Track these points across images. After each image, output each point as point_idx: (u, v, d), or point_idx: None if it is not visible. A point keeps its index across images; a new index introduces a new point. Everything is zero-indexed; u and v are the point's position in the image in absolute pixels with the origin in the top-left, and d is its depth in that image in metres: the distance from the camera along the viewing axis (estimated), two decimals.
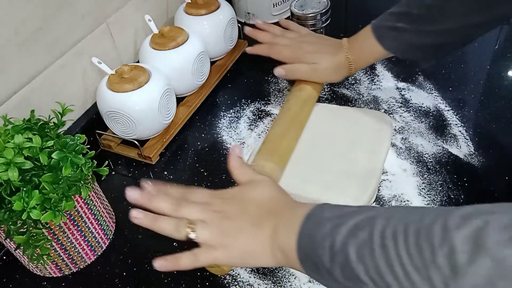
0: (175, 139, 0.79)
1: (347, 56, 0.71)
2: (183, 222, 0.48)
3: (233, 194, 0.52)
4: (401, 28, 0.65)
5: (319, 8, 0.86)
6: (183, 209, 0.49)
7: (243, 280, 0.57)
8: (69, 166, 0.51)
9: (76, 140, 0.54)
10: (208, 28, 0.86)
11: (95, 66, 0.74)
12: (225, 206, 0.50)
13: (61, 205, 0.50)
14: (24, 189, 0.49)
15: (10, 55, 0.64)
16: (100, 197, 0.62)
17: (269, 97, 0.84)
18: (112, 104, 0.71)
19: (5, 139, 0.50)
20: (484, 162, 0.67)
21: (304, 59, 0.73)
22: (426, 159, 0.69)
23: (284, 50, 0.75)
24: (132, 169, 0.75)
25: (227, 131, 0.79)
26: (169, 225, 0.49)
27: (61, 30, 0.70)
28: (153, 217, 0.50)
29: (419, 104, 0.78)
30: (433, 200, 0.63)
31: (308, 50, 0.74)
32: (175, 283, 0.58)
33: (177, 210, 0.49)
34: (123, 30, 0.83)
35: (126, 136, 0.75)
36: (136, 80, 0.71)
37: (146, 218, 0.50)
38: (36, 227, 0.51)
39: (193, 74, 0.80)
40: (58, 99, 0.61)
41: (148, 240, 0.64)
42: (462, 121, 0.73)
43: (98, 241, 0.62)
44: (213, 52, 0.88)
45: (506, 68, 0.83)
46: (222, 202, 0.50)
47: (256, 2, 1.00)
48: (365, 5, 1.05)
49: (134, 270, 0.61)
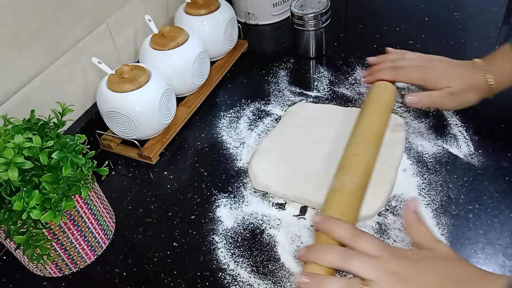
0: (175, 139, 0.79)
1: (486, 77, 0.65)
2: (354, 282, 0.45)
3: (410, 255, 0.47)
4: None
5: (319, 8, 0.86)
6: (353, 261, 0.46)
7: (243, 280, 0.57)
8: (69, 166, 0.51)
9: (76, 140, 0.54)
10: (208, 28, 0.86)
11: (95, 66, 0.74)
12: (401, 268, 0.45)
13: (61, 205, 0.50)
14: (24, 189, 0.49)
15: (10, 55, 0.64)
16: (100, 197, 0.62)
17: (269, 97, 0.84)
18: (112, 104, 0.71)
19: (5, 139, 0.50)
20: (484, 162, 0.67)
21: (436, 81, 0.67)
22: (426, 159, 0.69)
23: (414, 72, 0.69)
24: (132, 169, 0.75)
25: (227, 131, 0.79)
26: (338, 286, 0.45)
27: (61, 30, 0.70)
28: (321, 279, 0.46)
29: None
30: (433, 200, 0.63)
31: (440, 70, 0.68)
32: (175, 283, 0.58)
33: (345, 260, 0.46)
34: (123, 30, 0.83)
35: (126, 136, 0.75)
36: (136, 80, 0.71)
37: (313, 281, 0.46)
38: (36, 227, 0.51)
39: (193, 74, 0.80)
40: (58, 99, 0.61)
41: (148, 240, 0.64)
42: (462, 121, 0.73)
43: (98, 241, 0.62)
44: (213, 52, 0.88)
45: None
46: (396, 261, 0.46)
47: (256, 2, 1.00)
48: (365, 5, 1.05)
49: (134, 270, 0.61)
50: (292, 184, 0.66)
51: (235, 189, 0.69)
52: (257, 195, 0.67)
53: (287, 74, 0.89)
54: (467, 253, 0.57)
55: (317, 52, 0.91)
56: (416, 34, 0.93)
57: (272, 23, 1.03)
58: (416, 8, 1.00)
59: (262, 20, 1.03)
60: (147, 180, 0.73)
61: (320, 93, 0.83)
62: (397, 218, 0.62)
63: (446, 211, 0.62)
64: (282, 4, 1.01)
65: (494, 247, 0.57)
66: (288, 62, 0.92)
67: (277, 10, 1.02)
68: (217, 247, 0.62)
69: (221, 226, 0.64)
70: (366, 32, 0.97)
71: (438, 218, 0.61)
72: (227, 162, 0.73)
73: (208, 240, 0.63)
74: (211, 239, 0.63)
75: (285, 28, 1.02)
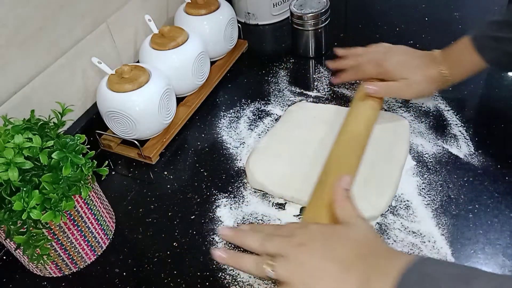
0: (175, 139, 0.79)
1: (441, 69, 0.66)
2: (264, 258, 0.46)
3: (323, 229, 0.48)
4: (502, 38, 0.61)
5: (319, 8, 0.86)
6: (268, 243, 0.47)
7: (243, 280, 0.57)
8: (69, 166, 0.51)
9: (76, 140, 0.54)
10: (208, 28, 0.86)
11: (95, 66, 0.74)
12: (312, 241, 0.46)
13: (61, 205, 0.50)
14: (24, 189, 0.49)
15: (10, 55, 0.64)
16: (100, 197, 0.62)
17: (269, 97, 0.84)
18: (112, 104, 0.71)
19: (5, 139, 0.50)
20: (484, 162, 0.67)
21: (392, 74, 0.68)
22: (426, 159, 0.69)
23: (369, 68, 0.70)
24: (132, 169, 0.75)
25: (227, 131, 0.79)
26: (250, 263, 0.47)
27: (61, 30, 0.70)
28: (236, 255, 0.48)
29: (419, 104, 0.78)
30: (433, 200, 0.63)
31: (396, 63, 0.69)
32: (175, 283, 0.58)
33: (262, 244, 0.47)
34: (123, 30, 0.83)
35: (126, 136, 0.75)
36: (136, 80, 0.71)
37: (229, 257, 0.48)
38: (36, 227, 0.51)
39: (193, 74, 0.80)
40: (58, 99, 0.61)
41: (148, 240, 0.64)
42: (462, 121, 0.73)
43: (98, 241, 0.62)
44: (213, 52, 0.88)
45: None
46: (309, 235, 0.47)
47: (256, 2, 1.00)
48: (365, 5, 1.05)
49: (134, 270, 0.61)
50: (289, 184, 0.66)
51: (235, 189, 0.69)
52: (257, 195, 0.67)
53: (287, 74, 0.89)
54: (467, 253, 0.57)
55: (316, 52, 0.91)
56: (416, 34, 0.93)
57: (272, 23, 1.03)
58: (416, 8, 1.00)
59: (262, 20, 1.03)
60: (147, 180, 0.73)
61: (320, 93, 0.83)
62: (397, 218, 0.62)
63: (446, 211, 0.62)
64: (282, 4, 1.01)
65: (494, 247, 0.57)
66: (288, 62, 0.92)
67: (277, 10, 1.02)
68: (217, 247, 0.62)
69: (221, 226, 0.64)
70: (366, 32, 0.97)
71: (438, 218, 0.61)
72: (227, 162, 0.73)
73: (208, 240, 0.63)
74: (211, 239, 0.63)
75: (285, 28, 1.02)
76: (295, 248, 0.45)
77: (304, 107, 0.80)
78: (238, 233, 0.50)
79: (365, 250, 0.45)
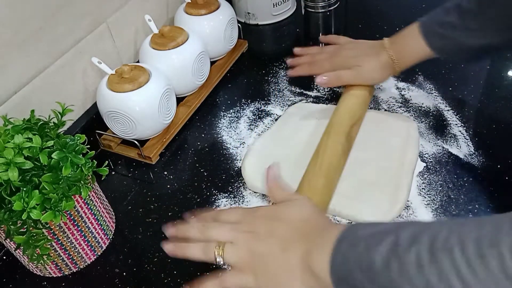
0: (175, 139, 0.79)
1: (390, 55, 0.68)
2: (212, 244, 0.46)
3: (265, 212, 0.49)
4: (448, 23, 0.61)
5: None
6: (211, 230, 0.48)
7: None
8: (69, 166, 0.51)
9: (76, 140, 0.54)
10: (208, 28, 0.86)
11: (95, 66, 0.74)
12: (256, 226, 0.47)
13: (61, 205, 0.50)
14: (24, 189, 0.49)
15: (10, 55, 0.64)
16: (100, 197, 0.62)
17: (269, 97, 0.84)
18: (112, 104, 0.71)
19: (5, 139, 0.50)
20: (484, 162, 0.67)
21: (345, 65, 0.71)
22: (426, 159, 0.69)
23: (324, 64, 0.73)
24: (132, 169, 0.75)
25: (227, 131, 0.79)
26: (197, 250, 0.47)
27: (61, 30, 0.70)
28: (183, 245, 0.48)
29: (419, 104, 0.78)
30: (433, 200, 0.63)
31: (348, 55, 0.72)
32: (175, 283, 0.58)
33: (204, 232, 0.48)
34: (123, 30, 0.83)
35: (126, 136, 0.75)
36: (136, 80, 0.71)
37: (177, 248, 0.48)
38: (36, 227, 0.51)
39: (193, 74, 0.80)
40: (58, 99, 0.61)
41: (148, 240, 0.64)
42: (462, 121, 0.73)
43: (98, 241, 0.62)
44: (213, 52, 0.88)
45: (506, 68, 0.83)
46: (253, 221, 0.48)
47: (256, 2, 1.00)
48: (365, 5, 1.05)
49: (134, 270, 0.61)
50: None
51: (235, 189, 0.69)
52: (257, 195, 0.67)
53: (287, 74, 0.89)
54: None
55: None
56: None
57: (272, 23, 1.03)
58: (416, 8, 1.00)
59: (262, 20, 1.03)
60: (147, 180, 0.73)
61: (320, 93, 0.83)
62: (397, 218, 0.61)
63: (446, 211, 0.62)
64: (282, 4, 1.01)
65: None
66: None
67: (277, 10, 1.02)
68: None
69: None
70: (366, 32, 0.96)
71: (438, 218, 0.61)
72: (227, 162, 0.73)
73: None
74: None
75: (285, 28, 1.02)
76: (241, 234, 0.47)
77: (303, 108, 0.79)
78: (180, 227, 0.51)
79: (305, 226, 0.47)
